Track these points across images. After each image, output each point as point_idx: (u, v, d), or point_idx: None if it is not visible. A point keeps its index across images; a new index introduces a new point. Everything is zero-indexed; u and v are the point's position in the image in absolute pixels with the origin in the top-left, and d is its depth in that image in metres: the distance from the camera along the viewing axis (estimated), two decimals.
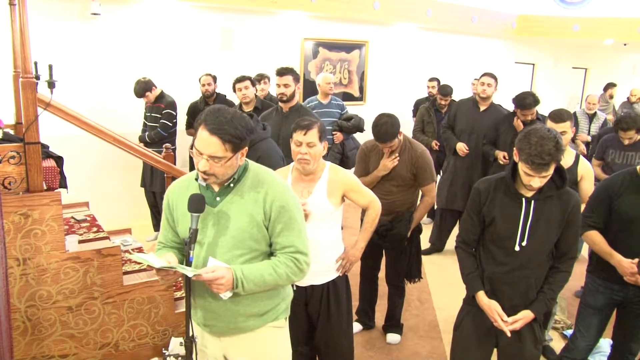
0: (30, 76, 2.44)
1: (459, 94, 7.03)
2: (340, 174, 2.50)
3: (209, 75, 5.11)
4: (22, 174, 2.47)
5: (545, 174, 2.03)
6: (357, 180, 2.58)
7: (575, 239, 2.23)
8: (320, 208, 2.43)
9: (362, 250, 2.66)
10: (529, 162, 2.01)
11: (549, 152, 1.98)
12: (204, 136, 1.65)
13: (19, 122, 3.25)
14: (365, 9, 6.53)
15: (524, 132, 2.09)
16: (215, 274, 1.64)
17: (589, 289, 2.73)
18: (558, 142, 2.01)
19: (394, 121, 3.04)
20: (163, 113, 4.81)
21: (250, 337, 1.87)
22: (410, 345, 3.43)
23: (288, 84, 3.60)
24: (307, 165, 2.39)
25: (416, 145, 3.23)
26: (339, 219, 2.58)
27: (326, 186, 2.45)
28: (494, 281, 2.24)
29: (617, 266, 2.51)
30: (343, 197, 2.51)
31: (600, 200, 2.59)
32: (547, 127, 2.10)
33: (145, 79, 4.81)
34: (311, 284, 2.50)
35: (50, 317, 2.65)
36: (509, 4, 8.18)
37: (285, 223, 1.77)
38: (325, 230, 2.48)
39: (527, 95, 4.25)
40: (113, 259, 2.74)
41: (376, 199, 2.61)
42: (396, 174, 3.18)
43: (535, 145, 1.99)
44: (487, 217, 2.24)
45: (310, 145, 2.35)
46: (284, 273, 1.77)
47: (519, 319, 2.18)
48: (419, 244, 3.43)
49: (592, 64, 10.21)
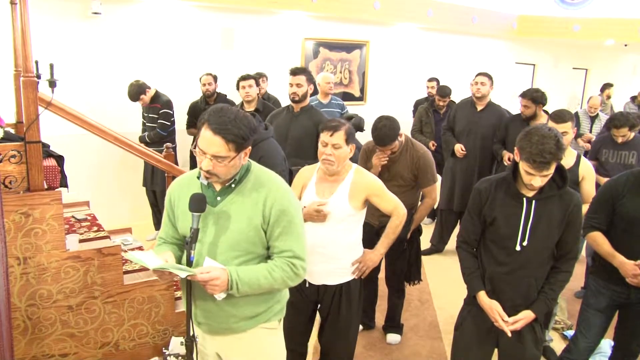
0: (31, 75, 2.44)
1: (459, 94, 7.03)
2: (366, 177, 2.48)
3: (210, 75, 5.11)
4: (23, 173, 2.47)
5: (546, 172, 2.03)
6: (382, 185, 2.53)
7: (576, 239, 2.22)
8: (340, 210, 2.41)
9: (381, 256, 2.63)
10: (530, 160, 2.01)
11: (550, 150, 1.98)
12: (207, 136, 1.65)
13: (19, 121, 3.25)
14: (366, 9, 6.53)
15: (525, 132, 2.09)
16: (211, 274, 1.64)
17: (591, 290, 2.73)
18: (559, 140, 2.01)
19: (393, 124, 3.02)
20: (160, 113, 4.80)
21: (242, 337, 1.86)
22: (411, 346, 3.43)
23: (301, 84, 3.58)
24: (331, 166, 2.38)
25: (418, 146, 3.22)
26: (360, 222, 2.54)
27: (349, 188, 2.42)
28: (494, 281, 2.24)
29: (620, 267, 2.51)
30: (366, 200, 2.48)
31: (604, 201, 2.59)
32: (548, 127, 2.10)
33: (138, 82, 4.76)
34: (324, 284, 2.49)
35: (50, 316, 2.65)
36: (510, 5, 8.17)
37: (284, 227, 1.76)
38: (343, 232, 2.46)
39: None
40: (113, 258, 2.74)
41: (401, 205, 2.55)
42: (397, 174, 3.16)
43: (537, 143, 1.99)
44: (488, 217, 2.23)
45: (336, 146, 2.35)
46: (280, 277, 1.76)
47: (519, 319, 2.18)
48: (419, 245, 3.42)
49: (593, 64, 10.21)
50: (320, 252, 2.41)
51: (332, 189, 2.43)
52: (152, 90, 4.84)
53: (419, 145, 3.23)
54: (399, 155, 3.16)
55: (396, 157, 3.17)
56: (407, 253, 3.34)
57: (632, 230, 2.49)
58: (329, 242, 2.42)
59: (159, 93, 4.89)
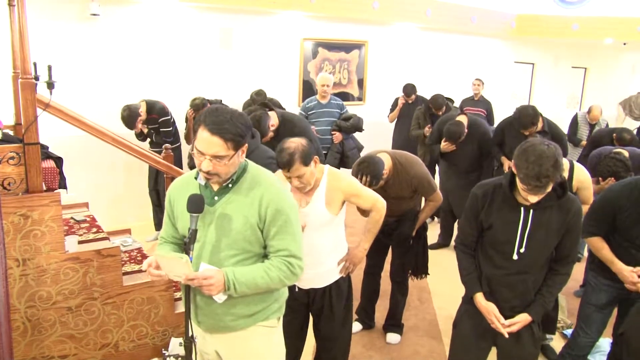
0: (29, 77, 2.44)
1: (458, 94, 7.04)
2: (340, 180, 2.42)
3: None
4: (22, 175, 2.47)
5: (542, 194, 1.98)
6: (358, 183, 2.51)
7: (576, 243, 2.19)
8: (319, 217, 2.38)
9: (365, 251, 2.62)
10: (525, 182, 1.95)
11: (546, 174, 1.90)
12: (205, 137, 1.65)
13: (18, 122, 3.25)
14: (365, 8, 6.52)
15: (522, 148, 1.99)
16: (203, 272, 1.67)
17: (591, 287, 2.73)
18: (556, 160, 1.92)
19: (372, 167, 2.91)
20: (160, 122, 4.79)
21: (239, 335, 1.87)
22: (410, 345, 3.43)
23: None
24: (304, 190, 2.34)
25: (407, 165, 3.15)
26: (341, 222, 2.53)
27: (324, 195, 2.38)
28: (492, 282, 2.23)
29: (618, 274, 2.51)
30: (344, 202, 2.44)
31: (606, 214, 2.54)
32: (547, 142, 1.98)
33: (126, 112, 4.57)
34: (313, 287, 2.49)
35: (50, 318, 2.65)
36: (509, 4, 8.17)
37: (280, 226, 1.76)
38: (325, 237, 2.44)
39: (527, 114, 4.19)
40: (113, 259, 2.74)
41: (379, 199, 2.53)
42: (394, 194, 3.13)
43: (533, 165, 1.90)
44: (485, 223, 2.21)
45: (299, 176, 2.26)
46: (277, 277, 1.76)
47: (516, 322, 2.17)
48: (426, 240, 3.45)
49: (592, 63, 10.20)
50: (308, 259, 2.33)
51: (308, 197, 2.39)
52: (142, 105, 4.74)
53: (408, 163, 3.15)
54: (391, 180, 3.13)
55: (389, 181, 3.12)
56: (415, 248, 3.37)
57: (632, 240, 2.49)
58: (313, 249, 2.37)
59: (150, 103, 4.80)
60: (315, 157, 2.31)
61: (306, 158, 2.24)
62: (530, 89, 9.57)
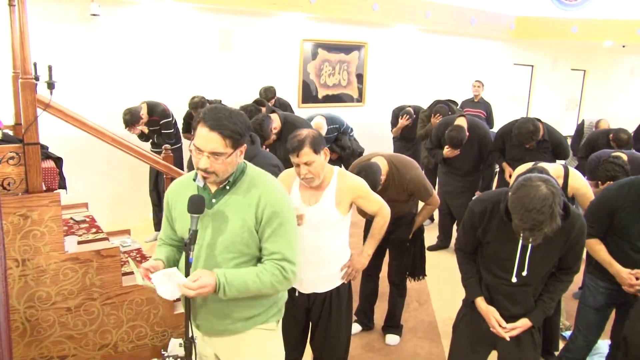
0: (29, 77, 2.45)
1: (458, 95, 7.05)
2: (349, 180, 2.42)
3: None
4: (22, 175, 2.47)
5: (538, 239, 1.91)
6: (366, 186, 2.50)
7: (580, 256, 2.16)
8: (328, 216, 2.37)
9: (369, 257, 2.60)
10: (519, 229, 1.89)
11: (540, 227, 1.82)
12: (203, 133, 1.66)
13: (18, 123, 3.25)
14: (364, 10, 6.53)
15: (519, 193, 1.86)
16: (199, 282, 1.63)
17: (589, 290, 2.73)
18: (553, 210, 1.82)
19: (371, 177, 2.86)
20: (161, 124, 4.80)
21: (239, 338, 1.86)
22: (409, 347, 3.43)
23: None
24: (312, 182, 2.32)
25: (403, 169, 3.13)
26: (347, 226, 2.52)
27: (334, 195, 2.37)
28: (492, 290, 2.23)
29: (616, 276, 2.51)
30: (352, 204, 2.44)
31: (603, 215, 2.54)
32: (545, 180, 1.87)
33: (127, 115, 4.55)
34: (314, 292, 2.48)
35: (49, 318, 2.65)
36: (508, 6, 8.19)
37: (274, 229, 1.75)
38: (331, 239, 2.43)
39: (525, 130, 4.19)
40: (112, 260, 2.74)
41: (385, 205, 2.54)
42: (391, 197, 3.09)
43: (528, 215, 1.81)
44: (483, 239, 2.18)
45: (308, 163, 2.25)
46: (269, 281, 1.74)
47: (516, 327, 2.17)
48: (423, 242, 3.45)
49: (591, 65, 10.23)
50: (311, 260, 2.38)
51: (317, 196, 2.38)
52: (143, 108, 4.74)
53: (403, 167, 3.14)
54: (388, 184, 3.13)
55: (386, 185, 3.13)
56: (412, 250, 3.37)
57: (630, 239, 2.49)
58: (320, 249, 2.38)
59: (151, 105, 4.80)
60: (325, 149, 2.31)
61: (317, 145, 2.25)
62: (529, 91, 9.59)
